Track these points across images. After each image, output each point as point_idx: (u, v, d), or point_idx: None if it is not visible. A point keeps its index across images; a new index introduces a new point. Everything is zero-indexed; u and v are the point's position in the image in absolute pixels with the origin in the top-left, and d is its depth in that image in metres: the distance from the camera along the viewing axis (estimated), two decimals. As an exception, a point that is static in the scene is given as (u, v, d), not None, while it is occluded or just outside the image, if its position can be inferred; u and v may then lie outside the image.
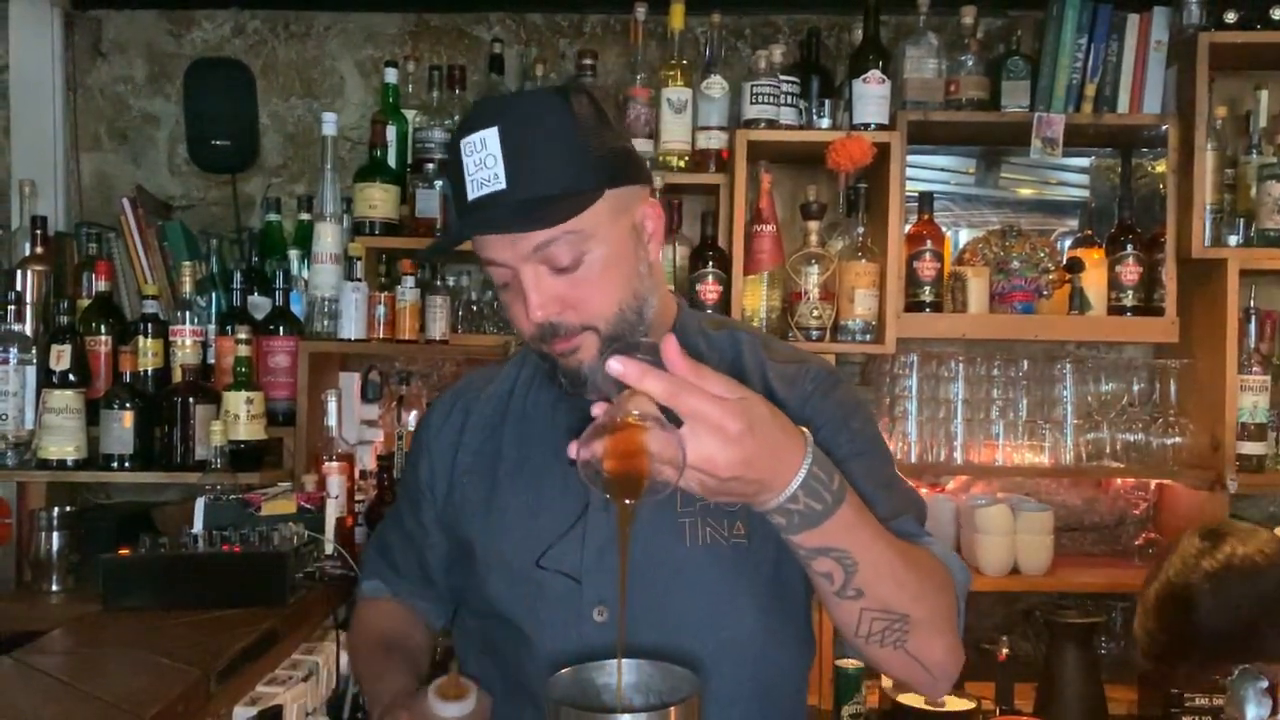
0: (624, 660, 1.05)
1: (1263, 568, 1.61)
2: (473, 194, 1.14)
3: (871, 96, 2.51)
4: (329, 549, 2.07)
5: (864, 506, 1.06)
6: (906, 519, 1.20)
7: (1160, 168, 2.60)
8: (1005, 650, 2.37)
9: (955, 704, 2.28)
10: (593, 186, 1.15)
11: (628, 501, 0.93)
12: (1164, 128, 2.55)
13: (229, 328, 2.50)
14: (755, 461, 0.94)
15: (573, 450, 0.94)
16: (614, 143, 1.19)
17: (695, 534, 1.22)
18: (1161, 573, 1.73)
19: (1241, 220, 2.54)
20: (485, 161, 1.12)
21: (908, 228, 2.60)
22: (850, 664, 2.35)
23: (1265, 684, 1.14)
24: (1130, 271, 2.58)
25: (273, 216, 2.79)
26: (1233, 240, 2.53)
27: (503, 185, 1.12)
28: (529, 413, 1.33)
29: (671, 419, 0.91)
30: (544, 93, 1.19)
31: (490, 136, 1.12)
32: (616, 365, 0.92)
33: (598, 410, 0.95)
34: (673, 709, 0.96)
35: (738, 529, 1.22)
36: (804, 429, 1.02)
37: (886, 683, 2.39)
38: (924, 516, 1.26)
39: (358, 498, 2.42)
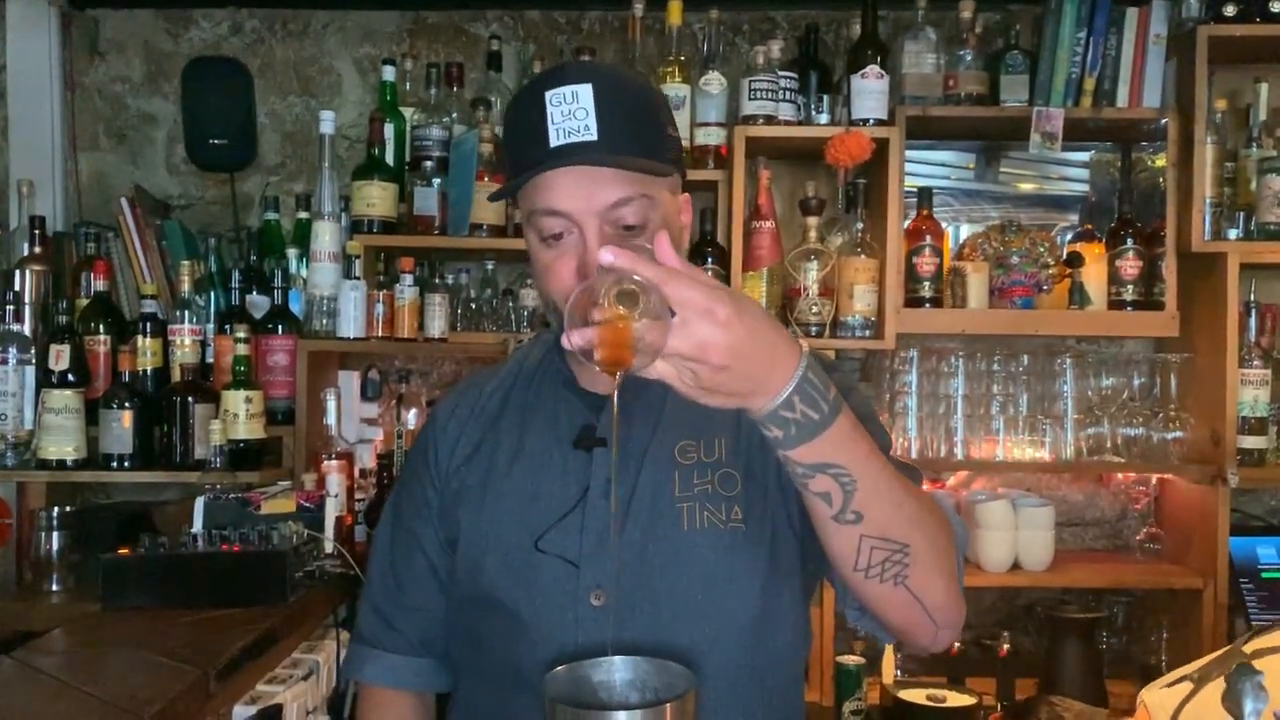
0: (620, 657, 1.05)
1: None
2: (558, 140, 1.13)
3: (870, 92, 2.51)
4: (329, 547, 2.07)
5: (859, 424, 1.02)
6: (913, 470, 1.19)
7: (1160, 162, 2.59)
8: (1006, 646, 2.37)
9: (956, 699, 2.28)
10: (667, 160, 1.19)
11: (617, 375, 0.94)
12: (1163, 121, 2.55)
13: (228, 327, 2.50)
14: (747, 352, 0.92)
15: (565, 340, 0.93)
16: (675, 132, 1.25)
17: (693, 518, 1.22)
18: None
19: (1241, 214, 2.54)
20: (575, 113, 1.13)
21: (907, 223, 2.59)
22: (851, 660, 2.35)
23: (1262, 678, 1.14)
24: (1130, 266, 2.58)
25: (271, 215, 2.79)
26: (1233, 234, 2.52)
27: (593, 136, 1.13)
28: (529, 402, 1.33)
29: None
30: (644, 78, 1.24)
31: (584, 91, 1.13)
32: (608, 255, 0.92)
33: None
34: (668, 706, 0.95)
35: (735, 513, 1.23)
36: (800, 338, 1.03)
37: (888, 679, 2.39)
38: (919, 477, 1.23)
39: (357, 496, 2.42)
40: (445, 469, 1.34)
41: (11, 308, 2.48)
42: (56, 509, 2.46)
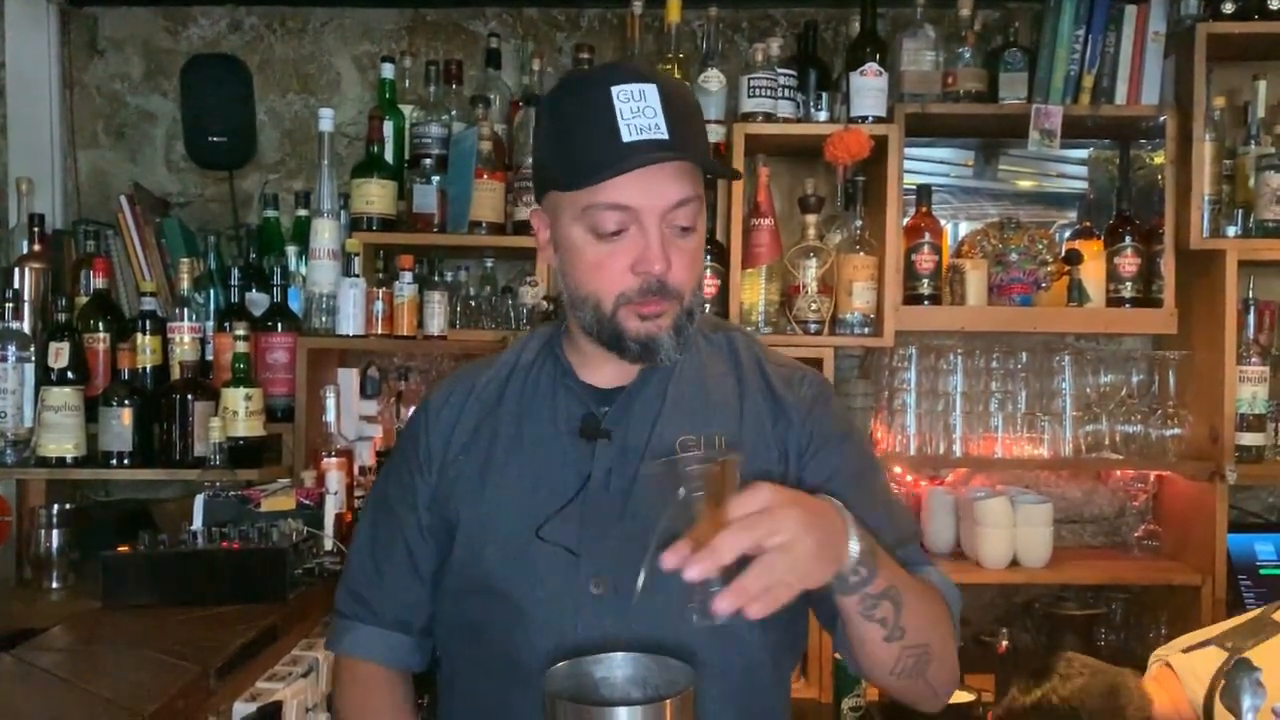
0: (621, 654, 1.06)
1: (1061, 715, 1.72)
2: (631, 136, 1.14)
3: (869, 89, 2.51)
4: (328, 545, 2.07)
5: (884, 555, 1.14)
6: (912, 547, 1.30)
7: (1158, 159, 2.60)
8: (1005, 643, 2.37)
9: (956, 696, 2.27)
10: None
11: None
12: (1162, 119, 2.55)
13: (227, 324, 2.50)
14: (816, 550, 1.00)
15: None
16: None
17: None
18: (996, 704, 1.89)
19: (1240, 211, 2.54)
20: (644, 111, 1.15)
21: (906, 220, 2.59)
22: (850, 657, 2.35)
23: (1260, 674, 1.15)
24: (1129, 263, 2.58)
25: (270, 213, 2.79)
26: (1231, 231, 2.52)
27: (665, 135, 1.15)
28: (527, 391, 1.33)
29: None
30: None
31: (650, 91, 1.16)
32: (672, 562, 0.97)
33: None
34: (668, 702, 0.97)
35: None
36: (831, 498, 1.10)
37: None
38: (918, 534, 1.37)
39: (357, 493, 2.42)
40: (440, 458, 1.34)
41: (11, 305, 2.48)
42: (56, 506, 2.46)
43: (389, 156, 2.64)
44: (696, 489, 0.98)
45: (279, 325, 2.56)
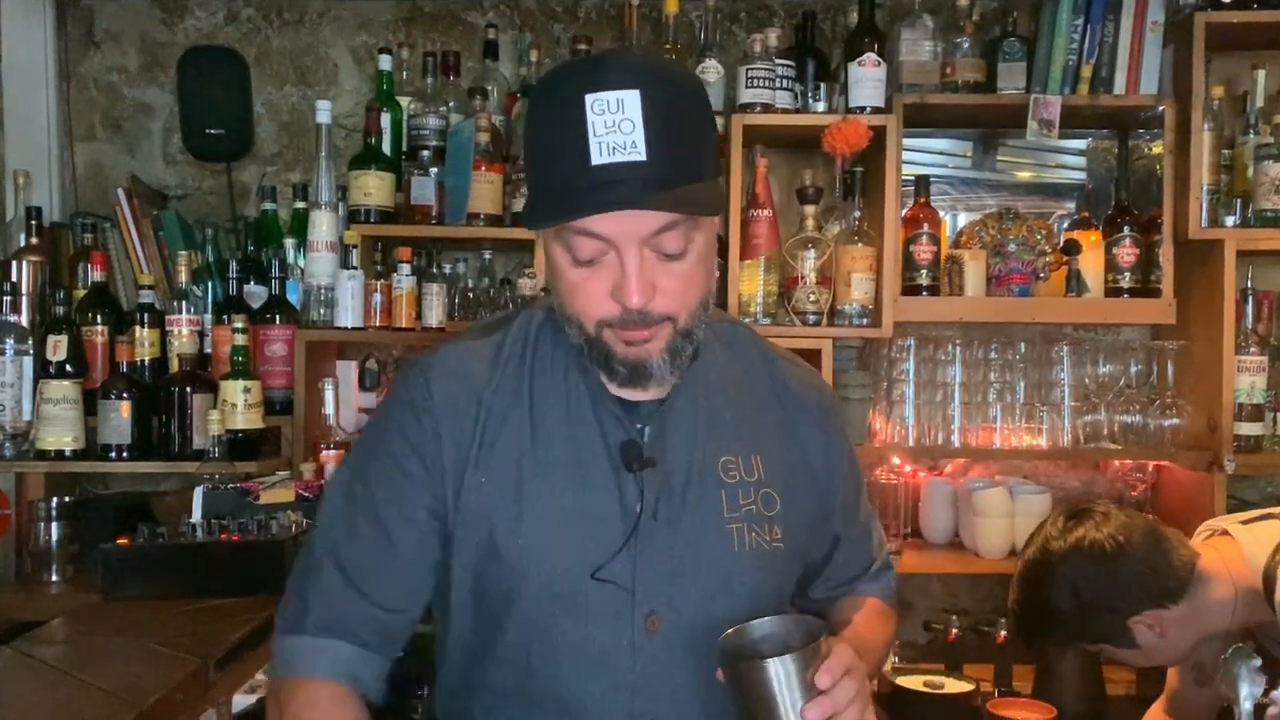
0: (764, 619, 1.15)
1: (1107, 555, 1.66)
2: (601, 158, 1.01)
3: (867, 80, 2.50)
4: (328, 537, 2.07)
5: (860, 634, 1.28)
6: (880, 562, 1.42)
7: (1157, 149, 2.59)
8: (1004, 632, 2.38)
9: (954, 686, 2.28)
10: (715, 176, 1.13)
11: None
12: (1161, 108, 2.54)
13: (225, 317, 2.50)
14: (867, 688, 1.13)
15: None
16: (716, 128, 1.20)
17: (743, 539, 1.21)
18: (1025, 549, 1.79)
19: (1238, 201, 2.53)
20: (620, 125, 1.01)
21: (904, 211, 2.59)
22: (849, 647, 2.35)
23: (1258, 662, 1.15)
24: (1127, 253, 2.58)
25: (268, 205, 2.78)
26: (1230, 221, 2.52)
27: (641, 156, 1.01)
28: (539, 400, 1.20)
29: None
30: (683, 68, 1.16)
31: (630, 99, 1.01)
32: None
33: None
34: (821, 640, 1.09)
35: (775, 533, 1.23)
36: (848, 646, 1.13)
37: (886, 665, 2.40)
38: (883, 541, 1.45)
39: (356, 486, 2.42)
40: (452, 463, 1.18)
41: (9, 298, 2.48)
42: (55, 499, 2.47)
43: (387, 148, 2.63)
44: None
45: (277, 318, 2.56)
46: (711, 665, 1.12)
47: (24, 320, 2.53)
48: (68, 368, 2.42)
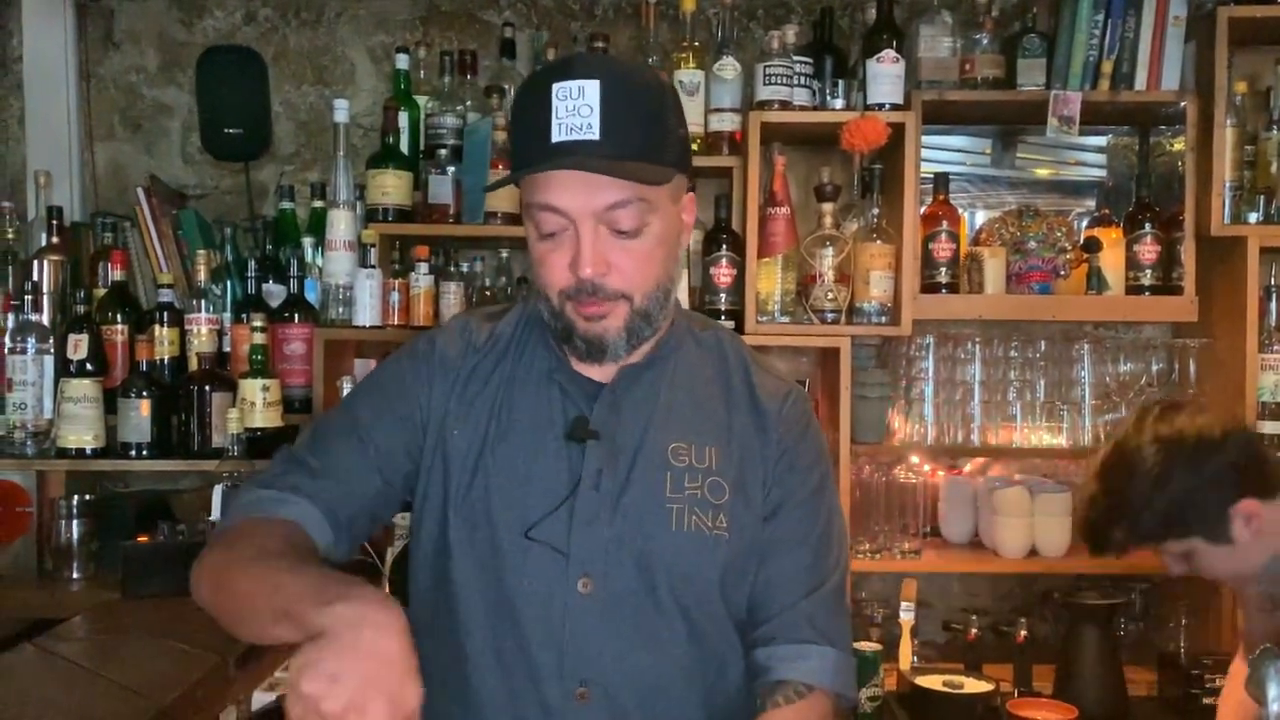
0: None
1: (1211, 443, 1.62)
2: (560, 136, 1.14)
3: (886, 76, 2.49)
4: (346, 535, 2.07)
5: None
6: (819, 597, 1.31)
7: (1178, 145, 2.57)
8: (1023, 632, 2.36)
9: (974, 686, 2.27)
10: (671, 164, 1.20)
11: None
12: (1182, 105, 2.52)
13: (244, 316, 2.51)
14: None
15: None
16: (683, 129, 1.26)
17: (681, 520, 1.26)
18: (1113, 435, 1.74)
19: (1261, 197, 2.51)
20: (580, 110, 1.14)
21: (923, 209, 2.58)
22: (868, 647, 2.34)
23: (1287, 662, 1.14)
24: (1148, 250, 2.56)
25: (286, 204, 2.79)
26: (1253, 218, 2.50)
27: (596, 136, 1.14)
28: (518, 377, 1.32)
29: None
30: (646, 65, 1.24)
31: (591, 87, 1.14)
32: None
33: None
34: None
35: (720, 521, 1.27)
36: None
37: (905, 665, 2.39)
38: (842, 564, 1.36)
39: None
40: (436, 410, 1.30)
41: (30, 297, 2.50)
42: (76, 497, 2.49)
43: (404, 147, 2.64)
44: None
45: (296, 316, 2.57)
46: (641, 636, 1.23)
47: (45, 319, 2.54)
48: (88, 366, 2.44)
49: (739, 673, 1.32)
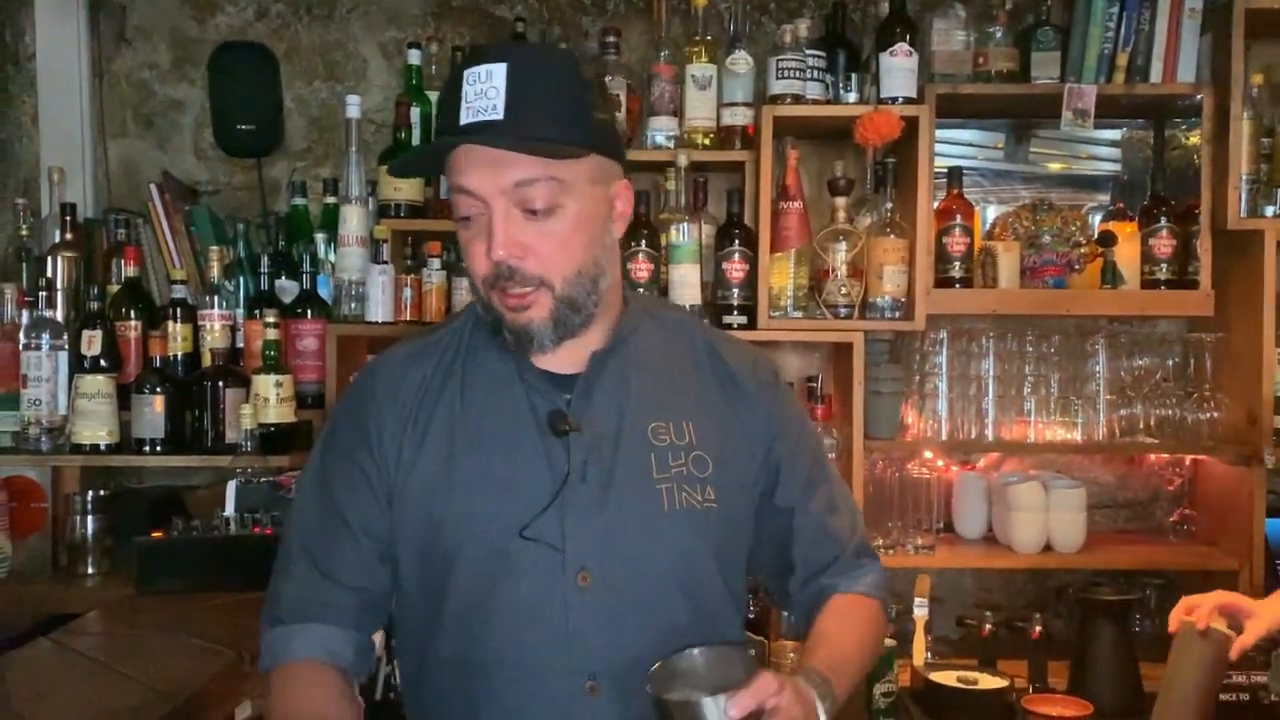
0: (692, 651, 1.16)
1: None
2: (466, 119, 1.16)
3: (899, 70, 2.48)
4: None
5: (835, 662, 1.26)
6: (859, 538, 1.41)
7: (1194, 139, 2.55)
8: (1038, 628, 2.35)
9: (988, 682, 2.26)
10: (583, 144, 1.19)
11: None
12: (1198, 97, 2.50)
13: (257, 311, 2.51)
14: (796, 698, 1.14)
15: None
16: (606, 115, 1.25)
17: (673, 499, 1.27)
18: None
19: (1278, 190, 2.49)
20: (486, 93, 1.15)
21: (937, 203, 2.56)
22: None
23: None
24: (1164, 244, 2.54)
25: (298, 200, 2.79)
26: (1269, 211, 2.48)
27: (499, 116, 1.15)
28: (477, 380, 1.30)
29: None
30: (556, 47, 1.25)
31: (498, 70, 1.16)
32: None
33: None
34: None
35: (709, 494, 1.28)
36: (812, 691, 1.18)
37: (918, 661, 2.38)
38: (861, 527, 1.44)
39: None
40: (392, 445, 1.28)
41: (44, 294, 2.51)
42: (90, 493, 2.50)
43: (416, 143, 2.63)
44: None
45: (308, 312, 2.57)
46: (645, 622, 1.23)
47: (59, 315, 2.55)
48: (102, 362, 2.44)
49: (738, 639, 1.37)
